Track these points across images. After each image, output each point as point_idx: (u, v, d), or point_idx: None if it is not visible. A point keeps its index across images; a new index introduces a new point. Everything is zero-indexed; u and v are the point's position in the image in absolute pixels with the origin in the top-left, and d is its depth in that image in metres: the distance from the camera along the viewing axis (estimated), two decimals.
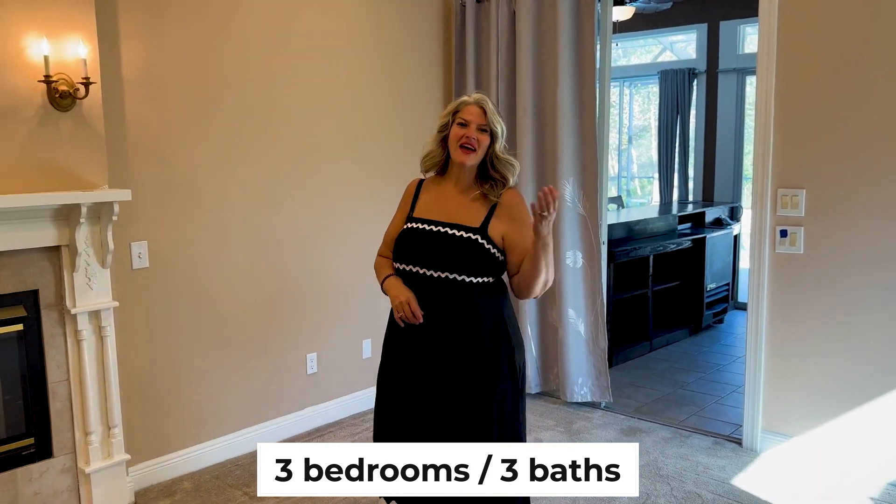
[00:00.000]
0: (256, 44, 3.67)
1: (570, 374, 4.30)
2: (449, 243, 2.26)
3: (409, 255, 2.30)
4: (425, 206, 2.38)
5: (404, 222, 2.40)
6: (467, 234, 2.25)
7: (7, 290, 2.85)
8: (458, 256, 2.24)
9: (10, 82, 2.78)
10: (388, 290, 2.34)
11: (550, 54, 4.21)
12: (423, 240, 2.29)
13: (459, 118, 2.29)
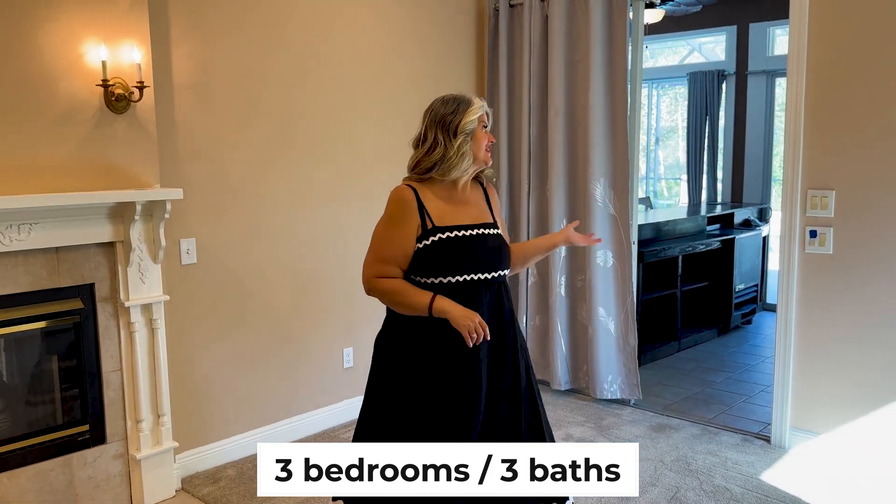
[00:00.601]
0: (298, 49, 3.80)
1: (600, 372, 4.38)
2: (496, 242, 2.30)
3: (469, 264, 2.22)
4: (442, 214, 2.25)
5: (420, 236, 2.21)
6: (494, 229, 2.33)
7: (65, 283, 3.00)
8: (503, 251, 2.31)
9: (71, 86, 2.93)
10: (451, 310, 2.16)
11: (582, 57, 4.29)
12: (476, 245, 2.25)
13: (483, 122, 2.30)
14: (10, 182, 2.80)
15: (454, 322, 2.14)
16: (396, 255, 2.23)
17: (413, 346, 2.26)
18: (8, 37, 2.76)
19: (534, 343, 4.71)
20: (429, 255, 2.20)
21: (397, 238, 2.22)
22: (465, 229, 2.25)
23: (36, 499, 2.96)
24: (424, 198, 2.24)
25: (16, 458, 2.91)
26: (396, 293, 2.24)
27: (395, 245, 2.23)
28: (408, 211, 2.22)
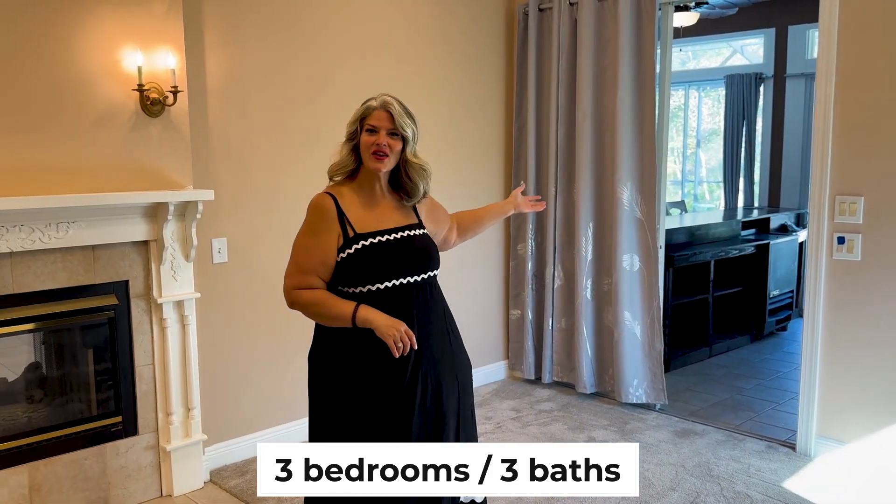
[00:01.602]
0: (327, 54, 3.89)
1: (626, 376, 4.38)
2: (423, 243, 2.25)
3: (396, 268, 2.15)
4: (363, 220, 2.18)
5: (342, 245, 2.14)
6: (421, 230, 2.28)
7: (101, 279, 3.13)
8: (431, 252, 2.27)
9: (108, 91, 3.06)
10: (375, 319, 2.07)
11: (611, 61, 4.30)
12: (402, 248, 2.19)
13: (367, 124, 2.16)
14: (50, 182, 2.93)
15: (378, 332, 2.05)
16: (316, 265, 2.14)
17: (341, 360, 2.17)
18: (49, 42, 2.90)
19: (559, 345, 4.73)
20: (354, 264, 2.12)
21: (316, 248, 2.14)
22: (389, 233, 2.19)
23: (71, 486, 3.09)
24: (344, 205, 2.17)
25: (52, 447, 3.05)
26: (318, 304, 2.14)
27: (314, 255, 2.14)
28: (326, 219, 2.14)
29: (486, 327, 4.92)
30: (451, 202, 4.55)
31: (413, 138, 2.21)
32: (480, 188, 4.77)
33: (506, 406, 4.48)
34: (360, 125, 2.19)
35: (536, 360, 4.89)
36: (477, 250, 4.79)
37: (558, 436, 4.00)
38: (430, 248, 2.28)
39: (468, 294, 4.77)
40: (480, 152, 4.75)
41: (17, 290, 2.90)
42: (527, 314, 4.85)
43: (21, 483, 2.96)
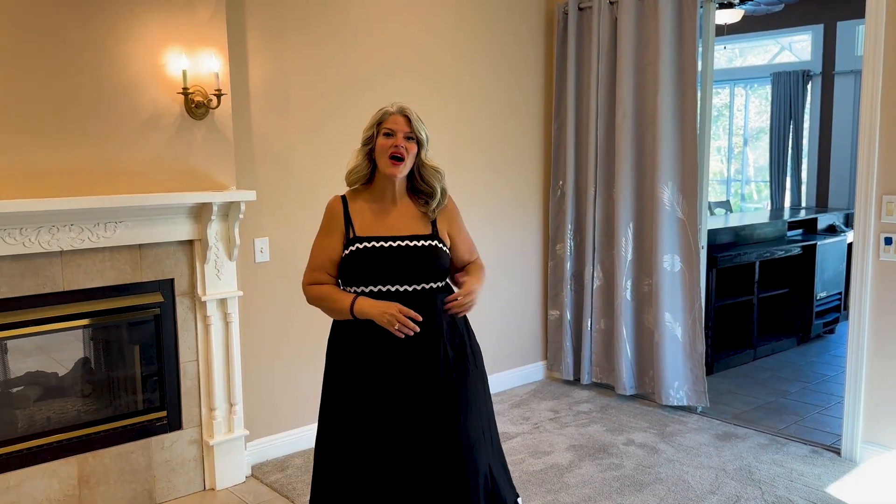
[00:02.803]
0: (366, 57, 3.94)
1: (666, 378, 4.33)
2: (419, 254, 2.23)
3: (378, 274, 2.21)
4: (365, 224, 2.27)
5: (344, 245, 2.27)
6: (425, 241, 2.25)
7: (148, 277, 3.23)
8: (429, 264, 2.23)
9: (154, 94, 3.15)
10: (369, 309, 2.17)
11: (652, 59, 4.26)
12: (389, 256, 2.21)
13: (385, 129, 2.24)
14: (98, 183, 3.03)
15: (376, 321, 2.16)
16: (325, 262, 2.29)
17: (340, 351, 2.31)
18: (99, 48, 3.00)
19: (598, 346, 4.71)
20: (348, 264, 2.24)
21: (324, 246, 2.30)
22: (388, 240, 2.23)
23: (118, 478, 3.19)
24: (353, 208, 2.30)
25: (100, 440, 3.15)
26: (324, 298, 2.30)
27: (323, 253, 2.30)
28: (333, 220, 2.30)
29: (524, 327, 4.92)
30: (489, 203, 4.57)
31: (427, 141, 2.30)
32: (518, 189, 4.77)
33: (544, 407, 4.47)
34: (377, 130, 2.26)
35: (575, 360, 4.87)
36: (515, 250, 4.80)
37: (597, 437, 3.98)
38: (430, 260, 2.24)
39: (506, 294, 4.77)
40: (519, 153, 4.75)
41: (67, 287, 3.01)
42: (565, 315, 4.83)
43: (71, 474, 3.07)
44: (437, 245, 2.28)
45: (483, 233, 4.58)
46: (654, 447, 3.83)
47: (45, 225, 2.89)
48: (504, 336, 4.79)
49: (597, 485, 3.42)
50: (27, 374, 3.15)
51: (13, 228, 2.82)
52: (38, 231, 2.88)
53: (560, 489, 3.38)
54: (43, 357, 3.21)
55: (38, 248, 2.89)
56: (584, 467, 3.61)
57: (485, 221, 4.59)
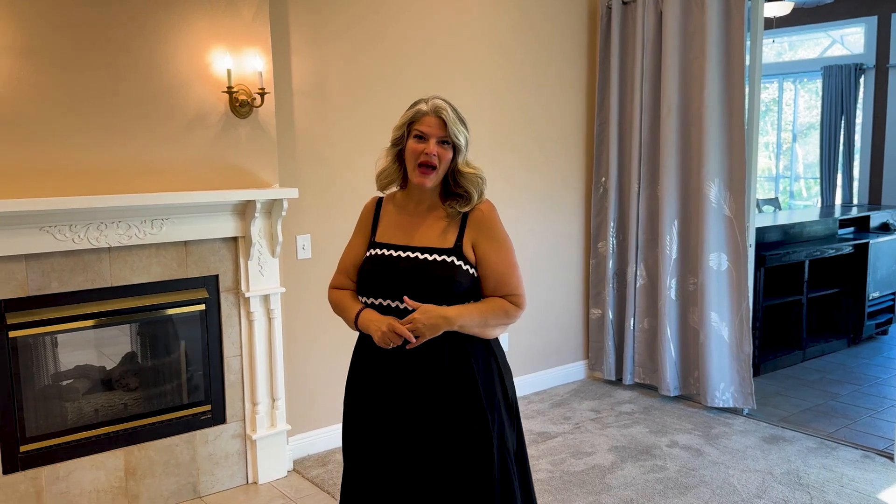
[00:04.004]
0: (406, 53, 3.94)
1: (712, 379, 4.25)
2: (423, 270, 1.95)
3: (379, 287, 1.98)
4: (388, 229, 2.07)
5: (366, 249, 2.08)
6: (441, 256, 1.96)
7: (193, 274, 3.27)
8: (434, 283, 1.93)
9: (200, 93, 3.20)
10: (368, 324, 1.96)
11: (698, 53, 4.18)
12: (393, 268, 1.98)
13: (416, 130, 1.98)
14: (145, 181, 3.09)
15: (373, 337, 1.95)
16: (348, 266, 2.12)
17: (358, 358, 2.11)
18: (146, 48, 3.05)
19: (641, 346, 4.64)
20: (360, 271, 2.06)
21: (351, 247, 2.15)
22: (395, 249, 2.01)
23: (163, 471, 3.25)
24: (384, 210, 2.11)
25: (146, 433, 3.21)
26: (337, 305, 2.11)
27: (349, 254, 2.14)
28: (362, 220, 2.15)
29: (565, 326, 4.87)
30: (529, 200, 4.53)
31: (466, 147, 2.01)
32: (559, 185, 4.73)
33: (585, 406, 4.43)
34: (408, 130, 2.00)
35: (617, 360, 4.80)
36: (555, 248, 4.75)
37: (639, 438, 3.92)
38: (438, 278, 1.94)
39: (546, 292, 4.73)
40: (560, 148, 4.70)
41: (114, 283, 3.07)
42: (607, 314, 4.77)
43: (118, 466, 3.13)
44: (454, 262, 1.96)
45: (523, 230, 4.55)
46: (698, 449, 3.76)
47: (94, 222, 2.95)
48: (544, 334, 4.75)
49: (639, 487, 3.37)
50: (76, 368, 3.22)
51: (63, 225, 2.89)
52: (86, 228, 2.94)
53: (601, 490, 3.34)
54: (92, 351, 3.28)
55: (87, 244, 2.95)
56: (626, 469, 3.56)
57: (525, 218, 4.56)
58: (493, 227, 2.02)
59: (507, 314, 2.00)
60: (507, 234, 2.04)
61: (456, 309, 1.93)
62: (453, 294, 1.95)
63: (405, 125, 2.02)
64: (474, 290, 1.99)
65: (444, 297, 1.94)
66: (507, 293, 2.00)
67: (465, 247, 1.99)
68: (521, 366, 4.63)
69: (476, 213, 2.02)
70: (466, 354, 1.97)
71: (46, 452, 2.98)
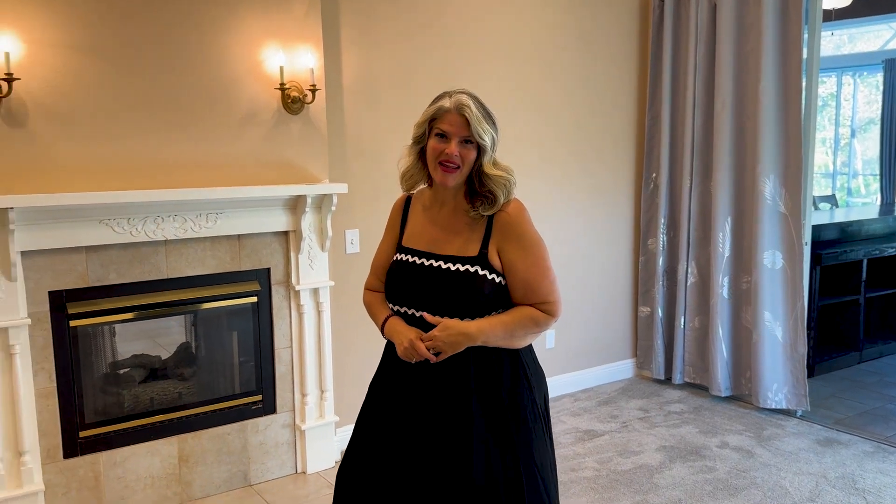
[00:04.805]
0: (455, 50, 3.94)
1: (764, 379, 4.16)
2: (445, 281, 1.83)
3: (403, 295, 1.90)
4: (414, 232, 1.97)
5: (394, 250, 2.00)
6: (464, 266, 1.83)
7: (246, 266, 3.34)
8: (455, 296, 1.82)
9: (253, 90, 3.25)
10: (393, 334, 1.89)
11: (753, 47, 4.09)
12: (415, 276, 1.88)
13: (438, 128, 1.84)
14: (200, 175, 3.16)
15: (397, 348, 1.88)
16: (379, 266, 2.04)
17: (383, 362, 2.03)
18: (202, 46, 3.11)
19: (691, 345, 4.57)
20: (387, 277, 1.98)
21: (382, 248, 2.06)
22: (417, 255, 1.91)
23: (215, 459, 3.33)
24: (412, 210, 2.01)
25: (199, 421, 3.29)
26: (369, 308, 2.04)
27: (380, 256, 2.06)
28: (392, 221, 2.06)
29: (613, 324, 4.82)
30: (577, 195, 4.50)
31: (492, 146, 1.85)
32: (608, 181, 4.68)
33: (633, 405, 4.38)
34: (429, 128, 1.88)
35: (666, 359, 4.74)
36: (603, 244, 4.71)
37: (689, 439, 3.86)
38: (460, 289, 1.82)
39: (594, 289, 4.70)
40: (609, 143, 4.65)
41: (170, 275, 3.15)
42: (657, 312, 4.71)
43: (171, 453, 3.22)
44: (477, 272, 1.83)
45: (570, 226, 4.52)
46: (749, 451, 3.69)
47: (151, 215, 3.03)
48: (591, 332, 4.71)
49: (688, 487, 3.32)
50: (133, 357, 3.32)
51: (121, 218, 2.97)
52: (144, 221, 3.03)
53: (649, 490, 3.31)
54: (148, 341, 3.37)
55: (145, 237, 3.04)
56: (674, 469, 3.51)
57: (572, 214, 4.53)
58: (520, 231, 1.86)
59: (537, 324, 1.87)
60: (537, 238, 1.88)
61: (477, 324, 1.82)
62: (477, 305, 1.83)
63: (426, 122, 1.89)
64: (502, 298, 1.87)
65: (467, 308, 1.83)
66: (537, 301, 1.87)
67: (491, 254, 1.85)
68: (567, 363, 4.61)
69: (502, 217, 1.86)
70: (493, 369, 1.86)
71: (104, 438, 3.08)
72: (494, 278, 1.85)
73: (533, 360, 1.98)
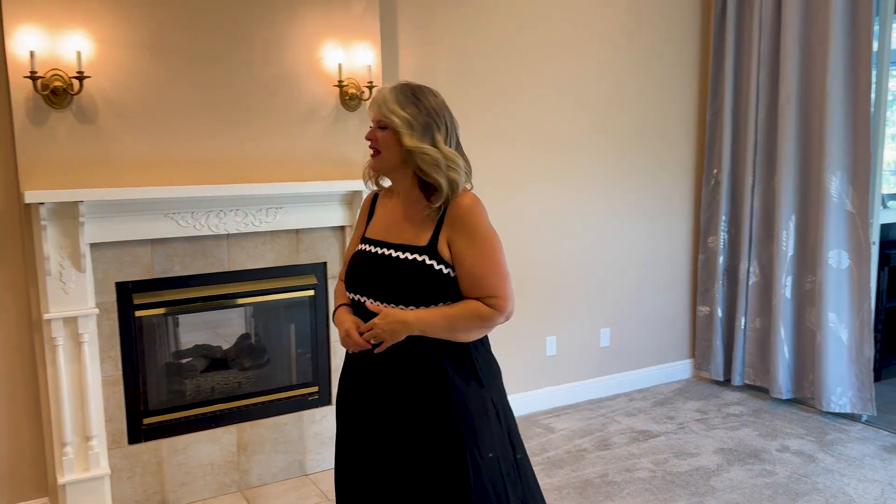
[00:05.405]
0: (512, 42, 3.93)
1: (828, 383, 4.04)
2: (392, 268, 1.85)
3: (355, 283, 1.93)
4: (376, 223, 1.98)
5: (359, 243, 2.02)
6: (413, 254, 1.84)
7: (303, 260, 3.40)
8: (401, 283, 1.83)
9: (313, 87, 3.31)
10: (337, 323, 1.95)
11: (820, 38, 3.96)
12: (368, 265, 1.91)
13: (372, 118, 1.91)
14: (261, 170, 3.23)
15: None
16: (347, 257, 2.06)
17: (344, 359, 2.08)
18: (263, 44, 3.18)
19: (752, 346, 4.45)
20: (347, 267, 2.01)
21: (352, 239, 2.08)
22: (373, 245, 1.94)
23: (273, 448, 3.40)
24: (379, 203, 2.04)
25: (258, 411, 3.36)
26: (334, 298, 2.08)
27: (349, 248, 2.08)
28: (360, 215, 2.08)
29: (671, 323, 4.74)
30: (634, 190, 4.44)
31: (406, 125, 1.83)
32: (667, 176, 4.60)
33: (690, 406, 4.30)
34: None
35: (726, 360, 4.64)
36: (663, 241, 4.63)
37: (748, 442, 3.77)
38: (405, 277, 1.84)
39: (651, 288, 4.62)
40: (668, 138, 4.57)
41: (231, 268, 3.23)
42: (716, 311, 4.61)
43: (231, 441, 3.31)
44: (425, 262, 1.83)
45: (626, 222, 4.46)
46: (811, 455, 3.59)
47: (214, 209, 3.12)
48: (647, 331, 4.64)
49: (746, 491, 3.25)
50: (195, 347, 3.42)
51: (185, 212, 3.06)
52: (207, 215, 3.11)
53: (706, 493, 3.25)
54: (209, 331, 3.47)
55: (207, 230, 3.12)
56: (732, 472, 3.44)
57: (628, 210, 4.47)
58: (470, 223, 1.83)
59: (481, 318, 1.82)
60: (489, 232, 1.85)
61: (416, 313, 1.82)
62: (423, 295, 1.82)
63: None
64: (451, 290, 1.84)
65: (413, 297, 1.83)
66: (482, 295, 1.82)
67: (441, 245, 1.84)
68: (622, 362, 4.55)
69: (453, 208, 1.84)
70: (437, 359, 1.85)
71: (167, 426, 3.18)
72: (442, 269, 1.83)
73: (485, 356, 1.94)
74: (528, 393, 4.21)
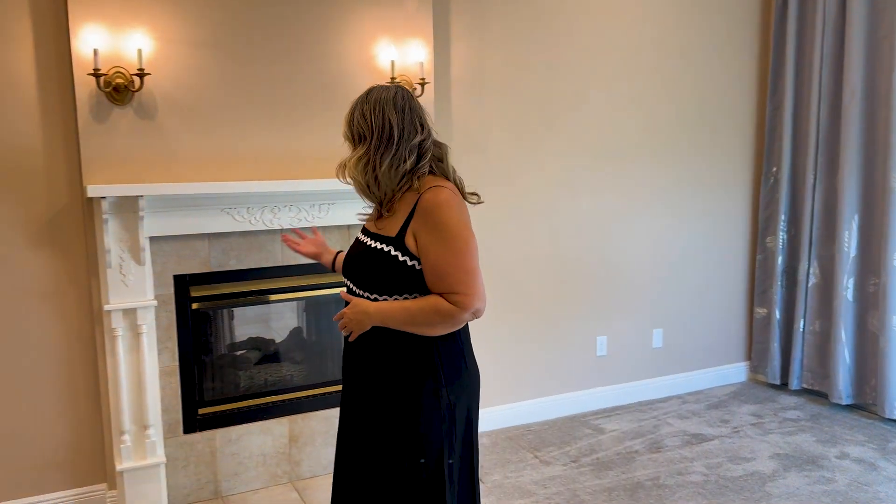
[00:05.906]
0: (565, 40, 3.89)
1: (891, 388, 3.89)
2: (365, 258, 1.91)
3: (344, 271, 2.01)
4: (374, 213, 2.02)
5: None
6: (381, 244, 1.87)
7: None
8: (369, 273, 1.88)
9: (366, 84, 3.28)
10: None
11: (887, 32, 3.82)
12: (352, 253, 1.98)
13: None
14: (314, 166, 3.26)
15: None
16: None
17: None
18: (320, 42, 3.21)
19: (811, 349, 4.32)
20: None
21: None
22: (362, 233, 2.00)
23: (323, 441, 3.44)
24: None
25: (308, 403, 3.40)
26: None
27: None
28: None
29: (726, 325, 4.64)
30: (690, 189, 4.35)
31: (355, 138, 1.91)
32: (724, 174, 4.49)
33: (745, 410, 4.20)
34: None
35: (783, 363, 4.52)
36: (720, 241, 4.53)
37: (805, 447, 3.67)
38: (372, 266, 1.88)
39: (706, 288, 4.53)
40: (726, 136, 4.46)
41: (284, 262, 3.28)
42: (774, 313, 4.49)
43: (282, 433, 3.35)
44: (390, 252, 1.85)
45: (683, 220, 4.37)
46: (872, 463, 3.46)
47: (269, 205, 3.16)
48: (702, 332, 4.55)
49: (803, 498, 3.16)
50: (249, 339, 3.48)
51: (241, 207, 3.12)
52: (262, 210, 3.16)
53: (761, 498, 3.16)
54: (262, 324, 3.53)
55: (262, 225, 3.17)
56: (789, 478, 3.35)
57: (684, 209, 4.38)
58: (437, 217, 1.80)
59: (440, 313, 1.79)
60: (457, 227, 1.81)
61: (378, 305, 1.85)
62: (388, 285, 1.85)
63: None
64: (419, 283, 1.84)
65: (380, 287, 1.86)
66: (445, 291, 1.80)
67: (408, 237, 1.83)
68: (675, 363, 4.47)
69: (421, 202, 1.82)
70: (394, 352, 1.87)
71: (221, 416, 3.24)
72: (407, 261, 1.83)
73: (451, 352, 1.90)
74: (577, 392, 4.17)
